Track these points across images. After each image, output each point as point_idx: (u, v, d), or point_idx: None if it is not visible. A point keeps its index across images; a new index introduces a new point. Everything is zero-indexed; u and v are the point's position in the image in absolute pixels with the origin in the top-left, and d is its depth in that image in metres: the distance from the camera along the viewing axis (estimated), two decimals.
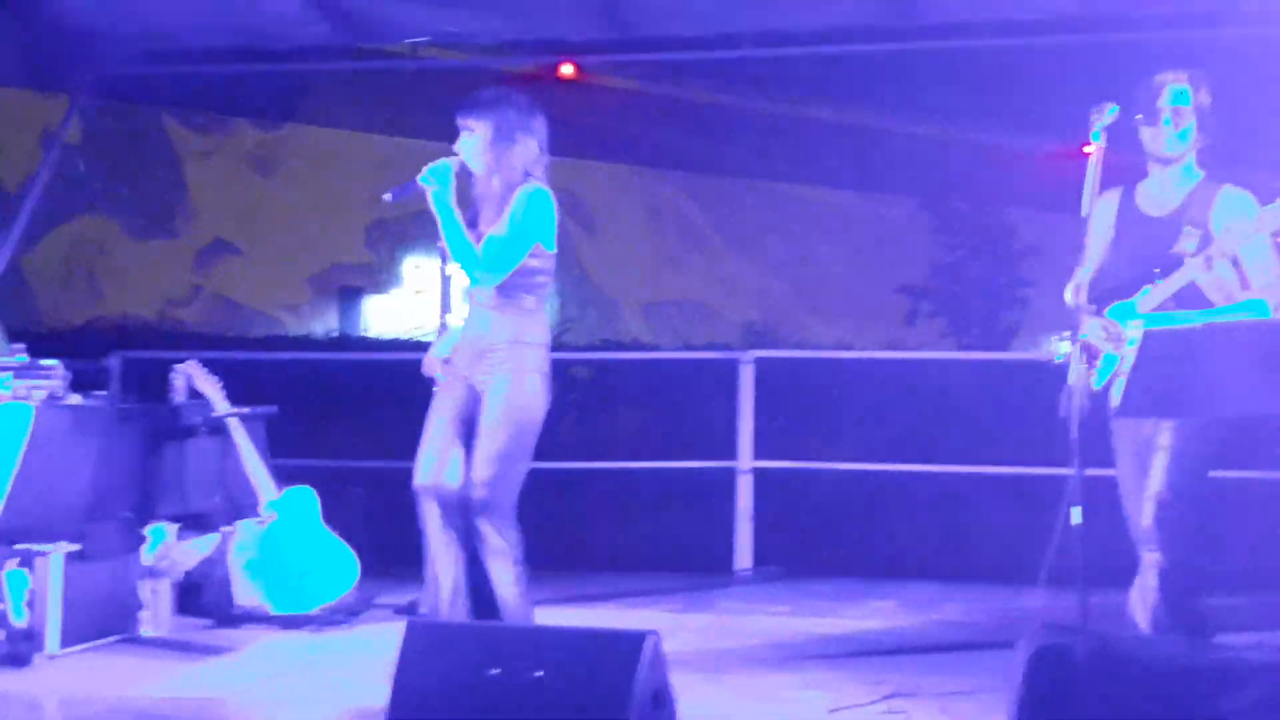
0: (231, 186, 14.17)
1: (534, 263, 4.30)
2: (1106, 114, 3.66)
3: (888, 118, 16.62)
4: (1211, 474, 3.79)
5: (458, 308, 4.62)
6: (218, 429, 5.56)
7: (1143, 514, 3.77)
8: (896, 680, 4.36)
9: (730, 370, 6.95)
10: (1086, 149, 3.69)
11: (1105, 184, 3.91)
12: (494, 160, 4.30)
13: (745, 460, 6.78)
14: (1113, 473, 3.98)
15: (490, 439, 4.19)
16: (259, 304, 14.51)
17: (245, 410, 5.60)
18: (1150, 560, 3.77)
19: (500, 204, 4.28)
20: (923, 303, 16.07)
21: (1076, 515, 3.31)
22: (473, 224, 4.32)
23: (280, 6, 5.95)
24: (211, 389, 5.57)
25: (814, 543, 7.20)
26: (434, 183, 4.25)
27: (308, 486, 5.55)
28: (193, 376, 5.62)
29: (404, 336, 12.12)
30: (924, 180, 16.38)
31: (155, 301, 13.43)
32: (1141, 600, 3.80)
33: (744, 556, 6.68)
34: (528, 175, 4.34)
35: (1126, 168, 4.01)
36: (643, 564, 6.76)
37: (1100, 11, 5.87)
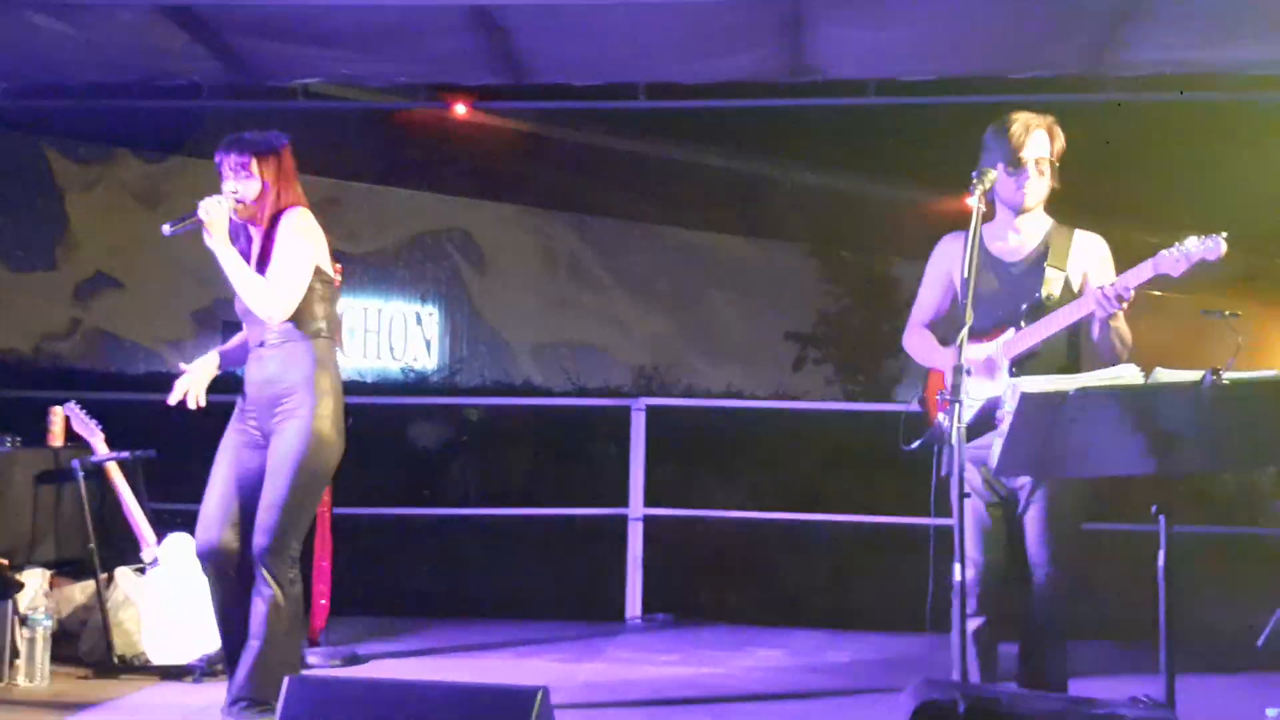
0: (114, 218, 13.87)
1: (318, 289, 4.26)
2: (987, 179, 3.76)
3: (777, 166, 16.90)
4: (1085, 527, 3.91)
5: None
6: (96, 472, 5.43)
7: (1027, 569, 3.82)
8: None
9: (622, 416, 6.98)
10: (968, 203, 3.78)
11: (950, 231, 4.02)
12: (275, 199, 4.25)
13: (636, 507, 6.81)
14: None
15: (275, 486, 4.15)
16: (140, 339, 14.19)
17: (124, 454, 5.47)
18: (1034, 613, 3.82)
19: (268, 238, 4.24)
20: (810, 349, 16.32)
21: (957, 572, 3.39)
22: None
23: (175, 44, 5.88)
24: (91, 432, 5.45)
25: (703, 590, 7.25)
26: (212, 218, 4.16)
27: (188, 533, 5.43)
28: (71, 419, 5.50)
29: None
30: (811, 229, 16.69)
31: (31, 336, 13.06)
32: (1025, 655, 3.86)
33: (634, 604, 6.69)
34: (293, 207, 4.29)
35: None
36: (533, 611, 6.73)
37: (978, 74, 6.09)
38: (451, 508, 7.64)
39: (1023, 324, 3.84)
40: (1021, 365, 3.81)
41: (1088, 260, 3.92)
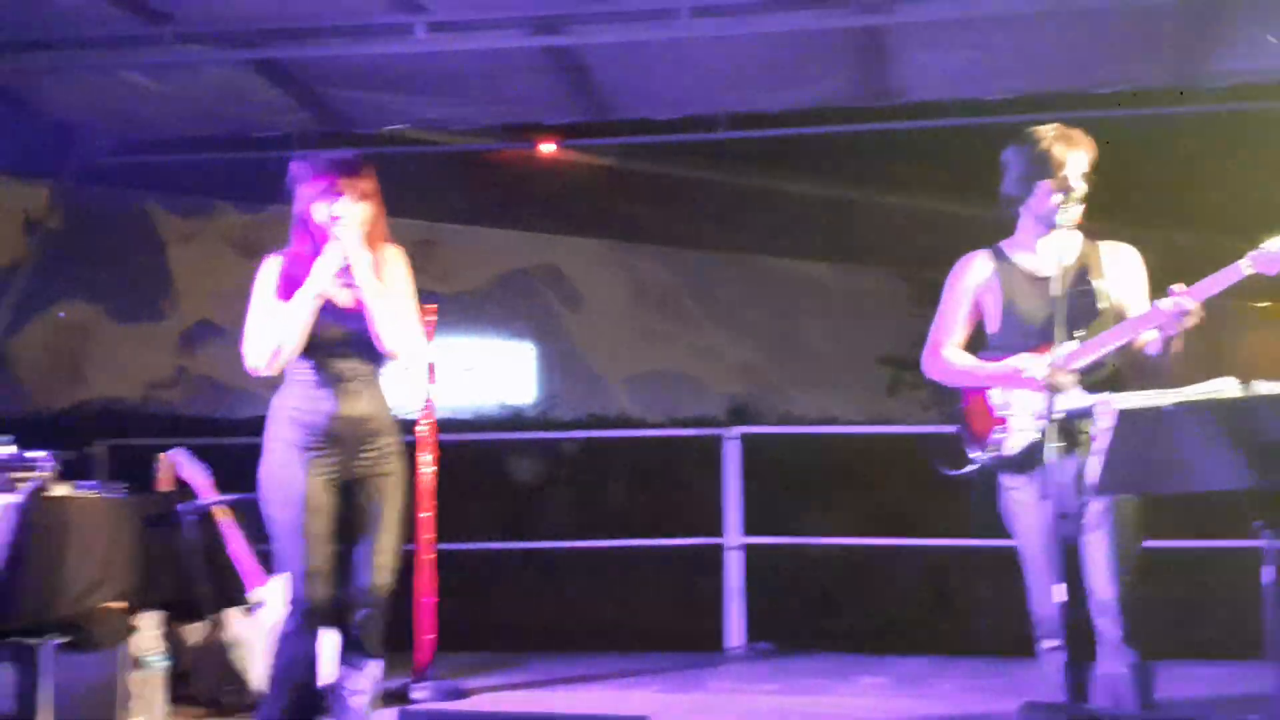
0: (215, 268, 14.20)
1: None
2: (1070, 198, 3.74)
3: (862, 190, 16.81)
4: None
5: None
6: (205, 516, 5.56)
7: (1100, 588, 3.67)
8: None
9: (716, 446, 6.99)
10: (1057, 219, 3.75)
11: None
12: (376, 226, 4.06)
13: (734, 536, 6.80)
14: None
15: (394, 532, 4.02)
16: (244, 384, 14.38)
17: (231, 498, 5.60)
18: (1111, 634, 3.66)
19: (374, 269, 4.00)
20: (905, 374, 16.13)
21: (1060, 592, 3.35)
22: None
23: (265, 97, 6.06)
24: (198, 476, 5.59)
25: (805, 618, 7.21)
26: (357, 246, 3.98)
27: None
28: (179, 465, 5.64)
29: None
30: (898, 251, 16.54)
31: (140, 385, 13.42)
32: (1104, 675, 3.74)
33: (735, 634, 6.67)
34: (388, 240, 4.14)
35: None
36: (633, 643, 6.74)
37: (1060, 91, 6.02)
38: (550, 541, 7.68)
39: (1077, 337, 3.74)
40: (1083, 379, 3.76)
41: (1123, 271, 3.87)
